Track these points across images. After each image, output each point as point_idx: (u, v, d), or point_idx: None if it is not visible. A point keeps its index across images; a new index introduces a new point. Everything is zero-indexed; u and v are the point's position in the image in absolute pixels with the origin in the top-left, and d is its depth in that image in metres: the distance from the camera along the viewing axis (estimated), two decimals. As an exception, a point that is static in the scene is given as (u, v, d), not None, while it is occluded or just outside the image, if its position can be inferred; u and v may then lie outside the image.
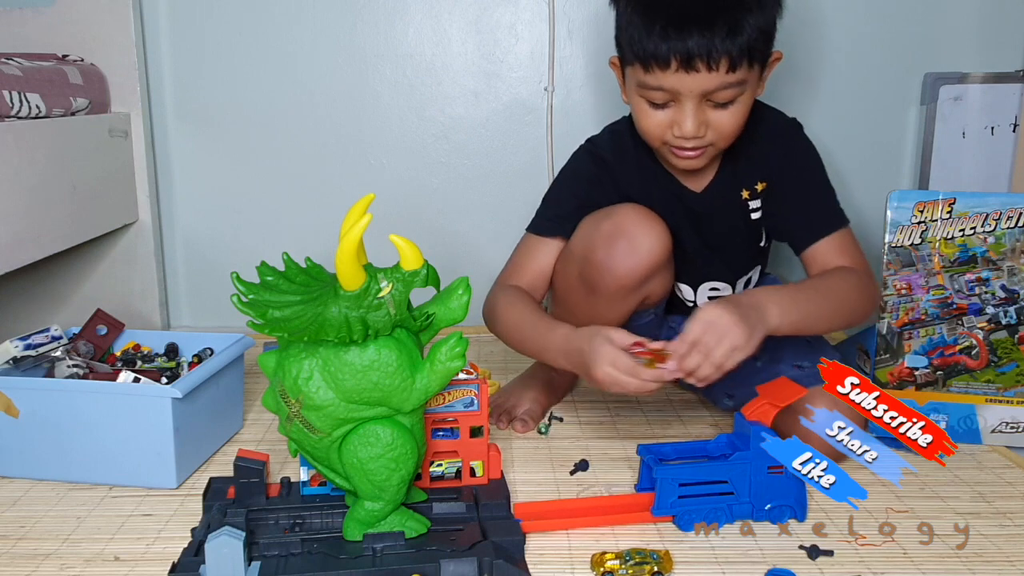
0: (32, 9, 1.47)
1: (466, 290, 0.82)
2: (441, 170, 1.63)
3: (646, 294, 1.10)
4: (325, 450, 0.82)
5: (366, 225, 0.75)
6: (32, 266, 1.30)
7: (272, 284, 0.79)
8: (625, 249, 1.04)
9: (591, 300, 1.09)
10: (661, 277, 1.10)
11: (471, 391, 0.96)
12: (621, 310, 1.10)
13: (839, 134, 1.59)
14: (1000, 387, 1.13)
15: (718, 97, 1.00)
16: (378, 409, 0.80)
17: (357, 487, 0.83)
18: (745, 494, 0.92)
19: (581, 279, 1.08)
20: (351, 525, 0.84)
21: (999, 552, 0.88)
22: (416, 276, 0.78)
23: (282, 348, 0.82)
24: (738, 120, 1.03)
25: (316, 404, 0.79)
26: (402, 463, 0.81)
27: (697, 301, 1.20)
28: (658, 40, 0.97)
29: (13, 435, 1.01)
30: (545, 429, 1.19)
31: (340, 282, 0.76)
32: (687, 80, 0.98)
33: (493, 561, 0.80)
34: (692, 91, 0.99)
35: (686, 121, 1.00)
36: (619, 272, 1.04)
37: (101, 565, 0.86)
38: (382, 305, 0.76)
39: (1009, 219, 1.11)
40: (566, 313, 1.12)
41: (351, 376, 0.78)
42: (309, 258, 0.83)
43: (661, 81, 0.99)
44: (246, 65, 1.58)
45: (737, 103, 1.01)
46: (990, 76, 1.53)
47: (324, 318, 0.76)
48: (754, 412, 0.94)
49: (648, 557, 0.83)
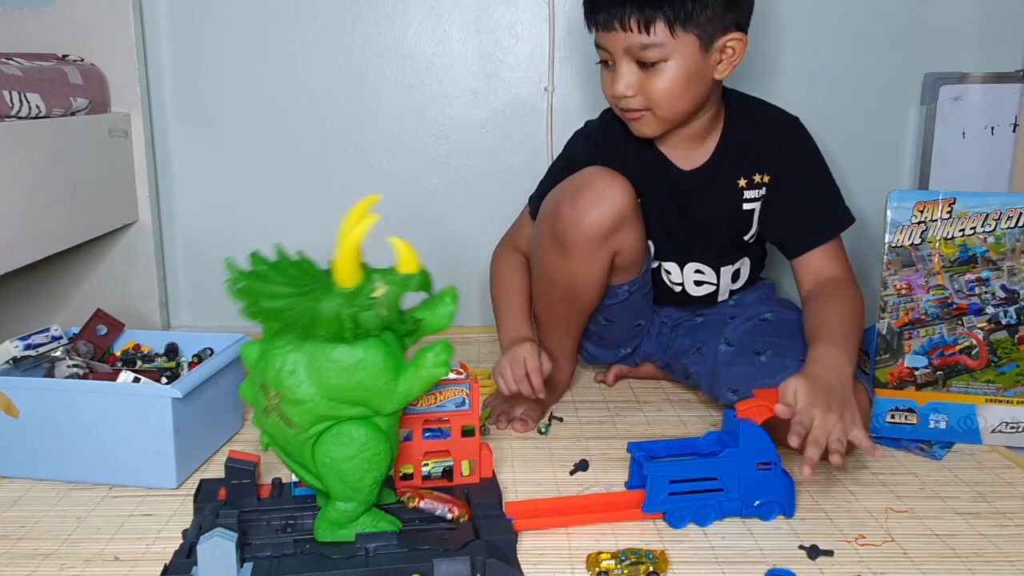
0: (32, 9, 1.47)
1: (454, 300, 0.82)
2: (441, 170, 1.63)
3: (615, 248, 1.13)
4: (299, 446, 0.81)
5: (372, 224, 0.75)
6: (32, 266, 1.30)
7: (264, 274, 0.78)
8: (590, 199, 1.10)
9: (564, 259, 1.13)
10: (630, 232, 1.14)
11: (463, 391, 0.96)
12: (594, 268, 1.14)
13: (839, 134, 1.58)
14: (1000, 387, 1.13)
15: (642, 56, 1.06)
16: (358, 409, 0.80)
17: (330, 487, 0.82)
18: (734, 491, 0.92)
19: (552, 237, 1.13)
20: (322, 526, 0.84)
21: (999, 552, 0.88)
22: (411, 280, 0.78)
23: (266, 339, 0.81)
24: (669, 84, 1.07)
25: (297, 399, 0.78)
26: (375, 464, 0.81)
27: (684, 283, 1.24)
28: (589, 4, 1.10)
29: (13, 435, 1.01)
30: (545, 429, 1.19)
31: (337, 278, 0.76)
32: (610, 39, 1.08)
33: (486, 560, 0.80)
34: (616, 49, 1.08)
35: (616, 79, 1.09)
36: (587, 222, 1.10)
37: (101, 565, 0.86)
38: (374, 305, 0.76)
39: (1009, 219, 1.11)
40: (544, 279, 1.18)
41: (336, 374, 0.78)
42: (301, 251, 0.83)
43: (599, 40, 1.10)
44: (246, 65, 1.58)
45: (665, 68, 1.07)
46: (990, 76, 1.53)
47: (317, 312, 0.75)
48: (747, 410, 0.95)
49: (644, 557, 0.83)
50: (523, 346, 1.16)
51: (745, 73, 1.55)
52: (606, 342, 1.30)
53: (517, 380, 1.14)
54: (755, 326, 1.20)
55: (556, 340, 1.24)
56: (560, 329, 1.23)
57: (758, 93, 1.35)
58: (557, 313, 1.21)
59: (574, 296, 1.18)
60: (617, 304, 1.22)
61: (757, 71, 1.56)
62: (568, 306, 1.19)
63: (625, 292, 1.21)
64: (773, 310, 1.23)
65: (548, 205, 1.15)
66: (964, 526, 0.93)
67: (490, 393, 1.28)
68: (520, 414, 1.19)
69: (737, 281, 1.26)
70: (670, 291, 1.26)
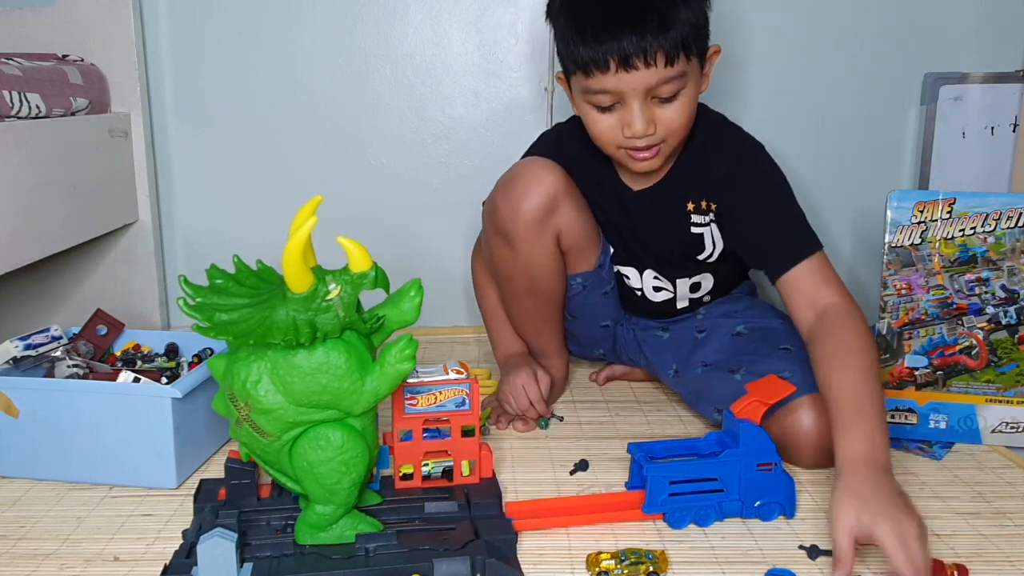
0: (32, 9, 1.47)
1: (418, 292, 0.82)
2: (441, 170, 1.63)
3: (556, 229, 1.14)
4: (275, 454, 0.81)
5: (312, 227, 0.75)
6: (32, 266, 1.30)
7: (221, 287, 0.78)
8: (520, 187, 1.12)
9: (512, 251, 1.15)
10: (567, 211, 1.14)
11: (463, 391, 0.95)
12: (542, 251, 1.15)
13: (839, 134, 1.59)
14: (1000, 387, 1.13)
15: (661, 92, 1.02)
16: (328, 412, 0.80)
17: (308, 491, 0.82)
18: (735, 491, 0.92)
19: (496, 232, 1.16)
20: (302, 529, 0.84)
21: (999, 552, 0.88)
22: (365, 278, 0.77)
23: (231, 351, 0.81)
24: (685, 114, 1.05)
25: (265, 408, 0.78)
26: (353, 466, 0.81)
27: (644, 289, 1.25)
28: (593, 44, 1.00)
29: (13, 435, 1.01)
30: (545, 423, 1.20)
31: (287, 284, 0.76)
32: (627, 79, 1.00)
33: (486, 560, 0.80)
34: (635, 89, 1.01)
35: (635, 120, 1.02)
36: (521, 208, 1.12)
37: (101, 565, 0.86)
38: (330, 308, 0.76)
39: (1009, 219, 1.11)
40: (503, 277, 1.20)
41: (299, 379, 0.77)
42: (260, 260, 0.83)
43: (603, 84, 1.01)
44: (246, 65, 1.58)
45: (681, 97, 1.03)
46: (990, 76, 1.53)
47: (271, 321, 0.75)
48: (743, 409, 0.95)
49: (644, 557, 0.83)
50: (520, 373, 1.20)
51: (744, 75, 1.56)
52: (578, 340, 1.31)
53: (522, 409, 1.19)
54: (728, 343, 1.19)
55: (538, 337, 1.26)
56: (538, 325, 1.24)
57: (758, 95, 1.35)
58: (527, 309, 1.22)
59: (536, 287, 1.19)
60: (577, 297, 1.23)
61: (757, 72, 1.56)
62: (535, 299, 1.20)
63: (580, 284, 1.22)
64: (745, 320, 1.20)
65: (486, 205, 1.18)
66: (964, 526, 0.93)
67: (490, 393, 1.28)
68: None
69: (698, 292, 1.25)
70: (633, 295, 1.26)
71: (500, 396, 1.21)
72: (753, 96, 1.55)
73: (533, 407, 1.19)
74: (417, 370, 0.97)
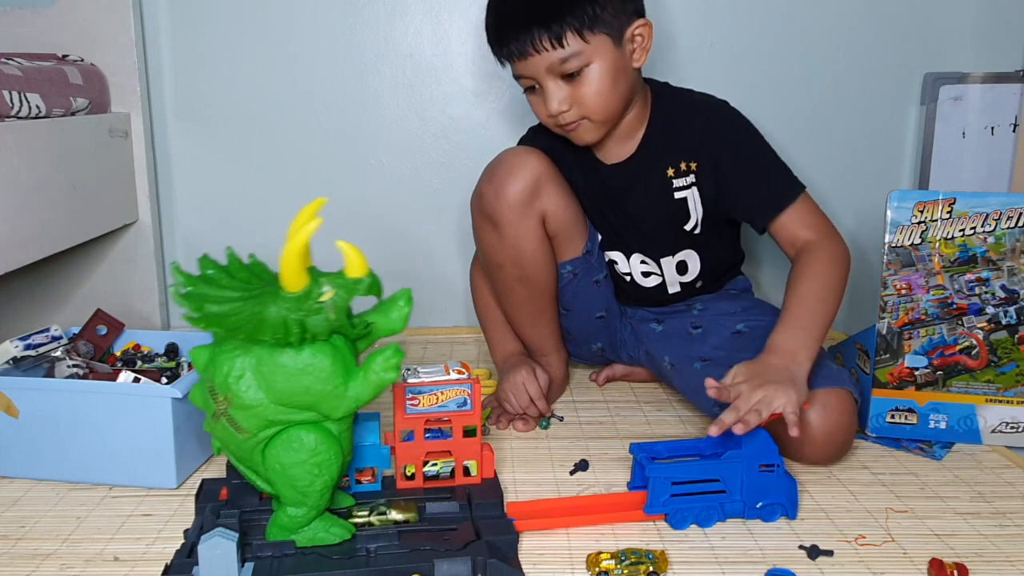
0: (32, 9, 1.47)
1: (407, 302, 0.82)
2: (441, 170, 1.63)
3: (541, 211, 1.17)
4: (249, 451, 0.81)
5: (315, 228, 0.75)
6: (32, 266, 1.30)
7: (212, 278, 0.78)
8: (503, 172, 1.16)
9: (499, 235, 1.17)
10: (552, 194, 1.17)
11: (464, 391, 0.95)
12: (528, 235, 1.17)
13: (839, 134, 1.59)
14: (1000, 387, 1.13)
15: (564, 69, 1.08)
16: (307, 414, 0.79)
17: (279, 492, 0.82)
18: (737, 492, 0.92)
19: (483, 218, 1.18)
20: (273, 530, 0.84)
21: (999, 552, 0.88)
22: (359, 284, 0.77)
23: (216, 344, 0.81)
24: (599, 89, 1.09)
25: (245, 403, 0.78)
26: (325, 469, 0.80)
27: (633, 273, 1.26)
28: (496, 39, 1.12)
29: (13, 435, 1.01)
30: (545, 423, 1.20)
31: (283, 283, 0.76)
32: (528, 65, 1.09)
33: (487, 560, 0.80)
34: (538, 72, 1.09)
35: (550, 100, 1.10)
36: (506, 191, 1.15)
37: (101, 565, 0.86)
38: (322, 310, 0.76)
39: (1009, 219, 1.11)
40: (492, 266, 1.21)
41: (283, 378, 0.77)
42: (253, 255, 0.82)
43: (518, 70, 1.12)
44: (246, 65, 1.58)
45: (589, 73, 1.08)
46: (990, 76, 1.53)
47: (262, 317, 0.75)
48: None
49: (644, 557, 0.83)
50: (519, 371, 1.20)
51: (744, 75, 1.56)
52: (575, 337, 1.32)
53: (523, 407, 1.20)
54: (728, 340, 1.19)
55: (534, 331, 1.26)
56: (533, 317, 1.25)
57: (758, 93, 1.35)
58: (520, 299, 1.23)
59: (526, 275, 1.19)
60: (569, 287, 1.24)
61: (756, 72, 1.56)
62: (527, 288, 1.21)
63: (570, 272, 1.23)
64: (745, 319, 1.21)
65: (473, 195, 1.20)
66: (964, 526, 0.93)
67: (491, 393, 1.28)
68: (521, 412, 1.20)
69: (687, 274, 1.25)
70: (623, 282, 1.27)
71: (500, 395, 1.22)
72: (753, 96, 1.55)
73: (534, 404, 1.19)
74: (419, 370, 0.98)
